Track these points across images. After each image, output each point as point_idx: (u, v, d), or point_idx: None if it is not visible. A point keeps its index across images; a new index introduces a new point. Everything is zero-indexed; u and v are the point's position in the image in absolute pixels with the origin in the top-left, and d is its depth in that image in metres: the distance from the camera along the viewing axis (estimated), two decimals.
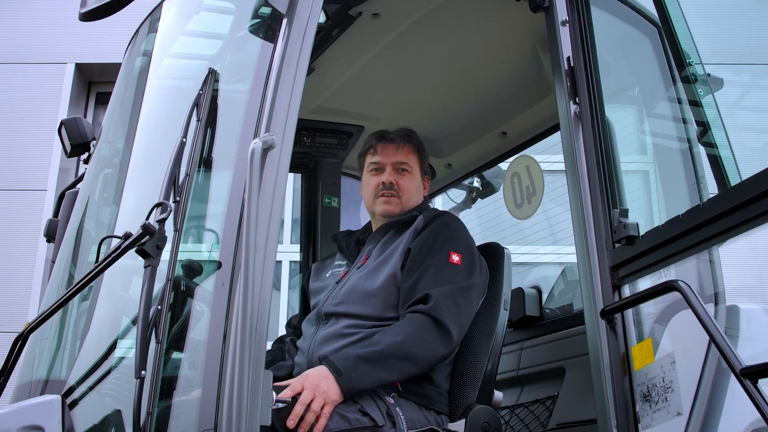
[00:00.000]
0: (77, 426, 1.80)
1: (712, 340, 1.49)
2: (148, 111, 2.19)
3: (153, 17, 2.31)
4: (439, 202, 3.76)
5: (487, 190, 3.49)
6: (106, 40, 6.91)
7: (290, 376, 2.44)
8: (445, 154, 3.33)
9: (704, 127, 2.21)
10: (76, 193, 3.21)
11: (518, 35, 2.51)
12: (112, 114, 2.58)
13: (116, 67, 7.30)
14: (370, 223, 2.74)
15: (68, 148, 2.96)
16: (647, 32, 2.42)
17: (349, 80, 2.88)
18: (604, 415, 1.88)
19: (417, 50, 2.73)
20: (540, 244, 3.77)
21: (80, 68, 6.93)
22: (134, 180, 2.13)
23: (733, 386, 1.92)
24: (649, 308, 1.96)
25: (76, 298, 2.04)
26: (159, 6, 2.29)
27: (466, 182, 3.52)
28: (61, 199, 3.26)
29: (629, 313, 1.93)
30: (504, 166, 3.34)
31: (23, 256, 6.47)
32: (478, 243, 2.61)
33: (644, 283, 1.96)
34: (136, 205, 2.07)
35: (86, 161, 3.00)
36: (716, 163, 2.22)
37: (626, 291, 1.95)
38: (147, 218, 1.73)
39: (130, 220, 2.04)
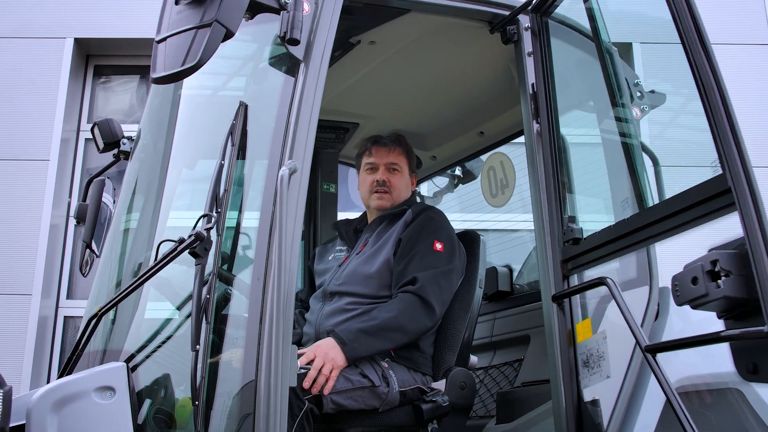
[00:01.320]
0: (139, 387, 2.33)
1: (627, 322, 2.03)
2: (185, 134, 2.69)
3: None
4: (425, 188, 4.29)
5: (467, 177, 4.04)
6: (103, 17, 7.33)
7: (299, 342, 2.99)
8: (430, 148, 3.88)
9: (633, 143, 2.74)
10: (103, 181, 3.72)
11: (493, 56, 3.00)
12: (148, 129, 3.05)
13: (111, 41, 7.73)
14: (365, 213, 3.28)
15: (101, 146, 3.43)
16: (604, 56, 2.91)
17: (347, 88, 3.37)
18: (555, 376, 2.44)
19: (407, 66, 3.24)
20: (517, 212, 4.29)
21: (79, 43, 7.32)
22: (176, 191, 2.64)
23: (660, 355, 2.48)
24: (591, 294, 2.51)
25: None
26: None
27: (449, 171, 4.06)
28: (88, 186, 3.77)
29: (576, 297, 2.48)
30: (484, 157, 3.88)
31: (28, 222, 6.92)
32: (457, 230, 3.16)
33: (591, 273, 2.50)
34: (179, 213, 2.60)
35: (115, 155, 3.48)
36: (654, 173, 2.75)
37: (575, 280, 2.49)
38: (195, 226, 2.25)
39: (175, 224, 2.57)
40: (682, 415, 1.82)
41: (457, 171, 4.04)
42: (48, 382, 6.57)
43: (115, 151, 3.50)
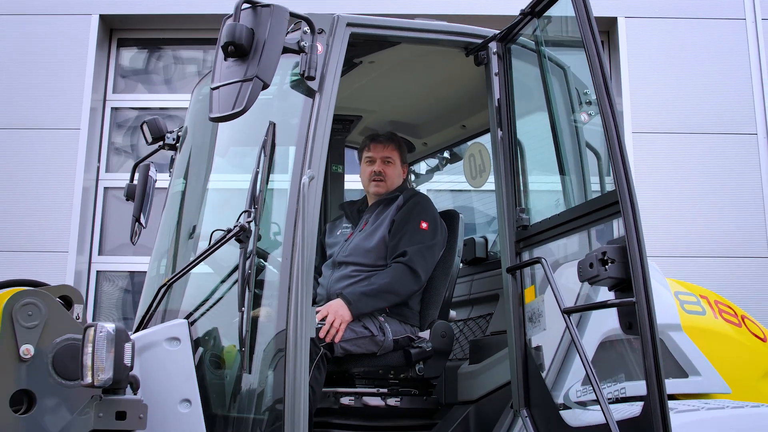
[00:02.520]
0: (197, 337, 3.18)
1: (552, 291, 2.87)
2: (224, 145, 3.54)
3: None
4: (423, 166, 5.11)
5: (453, 159, 4.86)
6: None
7: (313, 301, 3.85)
8: (422, 136, 4.70)
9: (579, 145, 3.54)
10: (147, 165, 4.55)
11: (470, 70, 3.75)
12: (193, 132, 3.85)
13: (133, 17, 8.51)
14: (365, 197, 4.12)
15: (149, 139, 4.24)
16: (556, 73, 3.69)
17: (351, 91, 4.16)
18: (509, 328, 3.28)
19: (401, 76, 4.03)
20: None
21: (103, 18, 8.06)
22: (219, 191, 3.49)
23: (595, 313, 3.30)
24: (538, 267, 3.33)
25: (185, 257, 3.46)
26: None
27: (438, 154, 4.88)
28: (134, 169, 4.60)
29: (527, 270, 3.31)
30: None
31: (62, 186, 7.74)
32: (441, 209, 4.00)
33: (538, 251, 3.33)
34: (223, 208, 3.46)
35: (162, 146, 4.29)
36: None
37: (526, 256, 3.32)
38: (238, 219, 3.08)
39: (220, 215, 3.43)
40: (584, 359, 2.68)
41: (446, 154, 4.87)
42: None
43: (161, 143, 4.32)
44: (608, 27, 8.32)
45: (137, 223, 4.52)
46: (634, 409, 2.62)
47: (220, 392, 3.12)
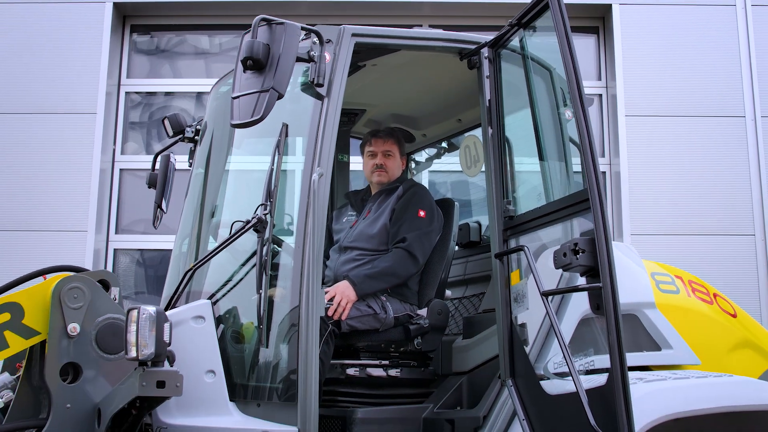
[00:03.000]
0: (219, 315, 3.59)
1: (533, 276, 3.27)
2: (241, 139, 3.93)
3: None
4: (424, 155, 5.49)
5: (451, 149, 5.24)
6: None
7: (322, 282, 4.25)
8: (420, 128, 5.08)
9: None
10: (168, 156, 4.93)
11: (464, 71, 4.12)
12: (212, 128, 4.24)
13: (145, 4, 8.90)
14: (369, 186, 4.51)
15: (170, 133, 4.62)
16: (542, 74, 4.06)
17: (356, 89, 4.53)
18: (498, 307, 3.68)
19: (402, 75, 4.40)
20: None
21: (117, 6, 8.43)
22: (237, 184, 3.90)
23: (575, 295, 3.68)
24: (522, 254, 3.72)
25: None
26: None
27: (437, 144, 5.27)
28: (155, 158, 4.98)
29: (513, 255, 3.70)
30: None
31: (80, 168, 8.14)
32: (436, 198, 4.39)
33: (523, 239, 3.71)
34: (241, 200, 3.86)
35: (182, 139, 4.67)
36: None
37: (512, 243, 3.71)
38: (255, 211, 3.47)
39: (237, 200, 3.82)
40: (559, 336, 3.08)
41: (444, 144, 5.25)
42: None
43: (180, 136, 4.70)
44: (603, 13, 8.65)
45: (159, 209, 4.91)
46: (601, 379, 3.02)
47: (240, 364, 3.54)
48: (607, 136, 8.58)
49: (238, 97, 3.18)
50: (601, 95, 8.70)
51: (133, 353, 2.79)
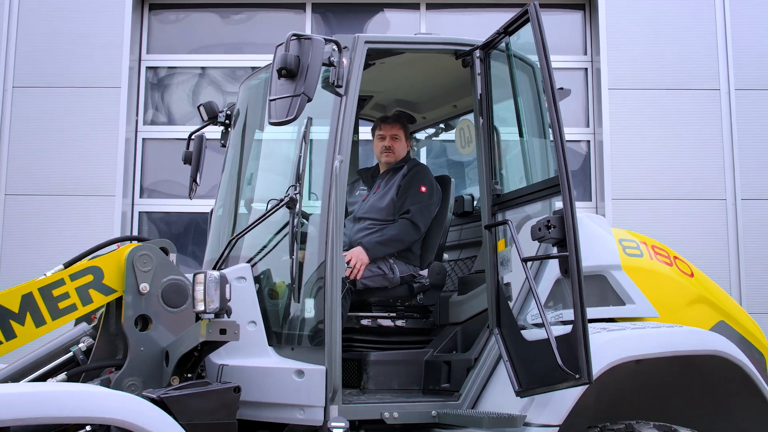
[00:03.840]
0: (257, 275, 4.34)
1: (516, 246, 4.02)
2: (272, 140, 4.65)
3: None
4: (422, 134, 6.23)
5: (447, 129, 5.97)
6: None
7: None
8: (421, 112, 5.81)
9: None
10: (201, 136, 5.65)
11: (458, 67, 4.82)
12: (243, 114, 4.95)
13: None
14: (377, 165, 5.24)
15: (205, 118, 5.33)
16: (526, 70, 4.76)
17: (365, 80, 5.22)
18: (487, 269, 4.43)
19: (405, 68, 5.11)
20: None
21: None
22: (266, 162, 4.63)
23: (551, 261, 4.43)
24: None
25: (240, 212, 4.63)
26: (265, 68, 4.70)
27: (435, 125, 6.01)
28: (189, 138, 5.69)
29: (500, 227, 4.45)
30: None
31: (107, 138, 8.87)
32: (436, 175, 5.14)
33: (509, 214, 4.44)
34: (269, 175, 4.59)
35: (214, 123, 5.37)
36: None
37: (499, 216, 4.45)
38: (287, 190, 4.20)
39: (268, 182, 4.57)
40: (535, 294, 3.85)
41: (441, 125, 5.98)
42: None
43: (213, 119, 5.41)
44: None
45: (194, 182, 5.65)
46: (567, 328, 3.79)
47: (276, 315, 4.31)
48: (591, 107, 9.29)
49: (274, 100, 3.90)
50: (586, 69, 9.40)
51: (201, 307, 3.55)
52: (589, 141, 9.24)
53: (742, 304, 8.31)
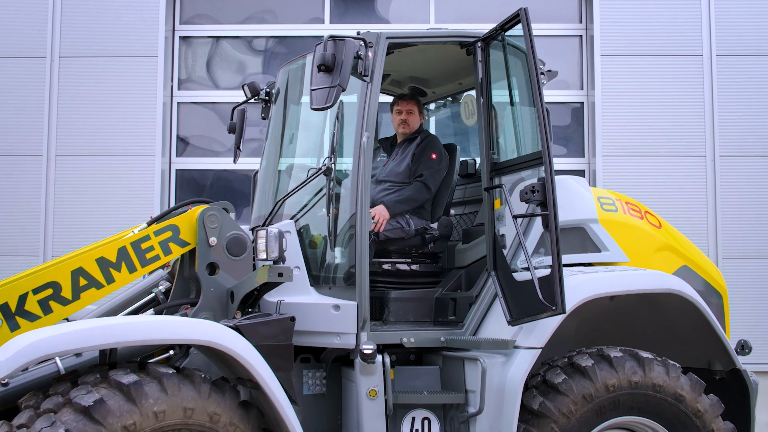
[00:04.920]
0: (299, 229, 5.37)
1: (508, 204, 5.04)
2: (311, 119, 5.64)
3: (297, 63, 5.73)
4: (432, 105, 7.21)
5: (454, 101, 6.96)
6: None
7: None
8: (431, 87, 6.78)
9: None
10: (243, 110, 6.63)
11: (463, 52, 5.77)
12: (282, 94, 5.95)
13: None
14: (395, 135, 6.25)
15: (248, 95, 6.30)
16: (520, 57, 5.70)
17: (385, 61, 6.17)
18: (485, 223, 5.46)
19: (417, 54, 6.06)
20: None
21: None
22: (303, 134, 5.65)
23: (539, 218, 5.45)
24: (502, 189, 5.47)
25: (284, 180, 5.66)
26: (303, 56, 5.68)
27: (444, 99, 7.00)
28: (233, 111, 6.68)
29: (496, 189, 5.45)
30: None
31: (146, 103, 9.91)
32: (444, 143, 6.15)
33: (504, 179, 5.45)
34: (304, 144, 5.62)
35: (257, 100, 6.35)
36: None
37: (496, 180, 5.45)
38: (324, 161, 5.21)
39: (308, 154, 5.59)
40: (523, 244, 4.89)
41: (449, 98, 6.97)
42: None
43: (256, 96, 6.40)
44: None
45: (237, 149, 6.65)
46: (548, 271, 4.83)
47: (315, 262, 5.36)
48: (585, 71, 10.23)
49: (315, 89, 4.87)
50: (581, 36, 10.33)
51: (263, 256, 4.60)
52: (582, 102, 10.21)
53: (718, 249, 9.41)
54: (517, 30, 5.28)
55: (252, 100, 6.41)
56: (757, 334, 8.89)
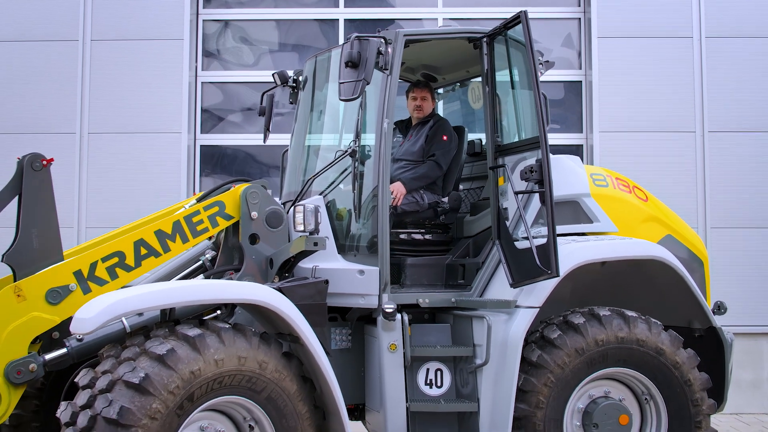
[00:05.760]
0: (327, 203, 6.12)
1: (510, 182, 5.78)
2: (338, 108, 6.37)
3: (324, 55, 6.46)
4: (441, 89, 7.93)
5: (462, 86, 7.68)
6: None
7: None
8: (441, 74, 7.49)
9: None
10: (272, 95, 7.37)
11: (470, 46, 6.48)
12: (310, 82, 6.68)
13: None
14: (410, 118, 6.98)
15: (278, 82, 7.03)
16: (520, 49, 6.39)
17: None
18: (491, 198, 6.21)
19: (430, 45, 6.76)
20: None
21: None
22: (331, 124, 6.39)
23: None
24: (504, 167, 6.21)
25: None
26: (329, 50, 6.40)
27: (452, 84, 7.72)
28: (263, 96, 7.41)
29: (500, 169, 6.20)
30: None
31: (173, 83, 10.60)
32: (453, 125, 6.89)
33: (507, 159, 6.19)
34: (329, 127, 6.37)
35: (283, 83, 7.08)
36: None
37: (500, 161, 6.19)
38: (350, 145, 5.95)
39: (329, 131, 6.35)
40: (522, 216, 5.65)
41: (458, 84, 7.69)
42: (194, 191, 10.56)
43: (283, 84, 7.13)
44: None
45: (267, 131, 7.39)
46: (544, 240, 5.59)
47: (342, 232, 6.12)
48: (583, 52, 10.93)
49: (343, 83, 5.59)
50: (579, 19, 11.01)
51: (301, 228, 5.38)
52: (581, 81, 10.92)
53: (707, 218, 10.18)
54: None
55: (285, 87, 7.12)
56: (742, 296, 9.77)
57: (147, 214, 6.78)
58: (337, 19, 10.92)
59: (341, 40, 10.66)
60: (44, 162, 5.45)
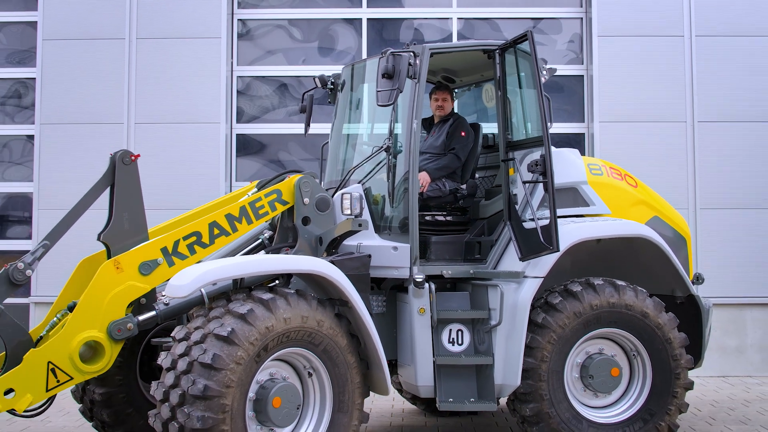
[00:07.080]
0: (364, 188, 7.32)
1: (518, 173, 6.99)
2: (372, 108, 7.58)
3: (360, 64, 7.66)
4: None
5: (477, 88, 8.87)
6: None
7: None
8: (459, 76, 8.65)
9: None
10: (312, 95, 8.56)
11: (484, 56, 7.66)
12: (347, 86, 7.89)
13: None
14: (432, 116, 8.18)
15: (319, 85, 8.23)
16: (527, 59, 7.56)
17: None
18: (503, 186, 7.42)
19: (449, 57, 7.95)
20: None
21: None
22: (367, 122, 7.62)
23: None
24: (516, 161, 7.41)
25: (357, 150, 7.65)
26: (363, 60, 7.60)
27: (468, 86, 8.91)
28: (303, 96, 8.60)
29: (510, 162, 7.40)
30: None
31: (211, 78, 11.80)
32: (470, 122, 8.10)
33: (517, 154, 7.39)
34: (366, 124, 7.60)
35: (323, 86, 8.28)
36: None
37: (510, 154, 7.39)
38: (384, 141, 7.14)
39: (366, 128, 7.58)
40: (529, 202, 6.88)
41: (473, 85, 8.88)
42: (230, 175, 11.77)
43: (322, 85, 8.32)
44: None
45: (307, 126, 8.59)
46: (546, 221, 6.79)
47: (378, 215, 7.31)
48: (585, 49, 12.10)
49: (380, 91, 6.78)
50: (581, 18, 12.16)
51: (348, 212, 6.61)
52: (582, 76, 12.10)
53: (696, 200, 11.38)
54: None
55: (323, 89, 8.30)
56: (728, 270, 10.99)
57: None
58: (360, 19, 12.09)
59: (365, 39, 11.88)
60: (132, 157, 6.58)
